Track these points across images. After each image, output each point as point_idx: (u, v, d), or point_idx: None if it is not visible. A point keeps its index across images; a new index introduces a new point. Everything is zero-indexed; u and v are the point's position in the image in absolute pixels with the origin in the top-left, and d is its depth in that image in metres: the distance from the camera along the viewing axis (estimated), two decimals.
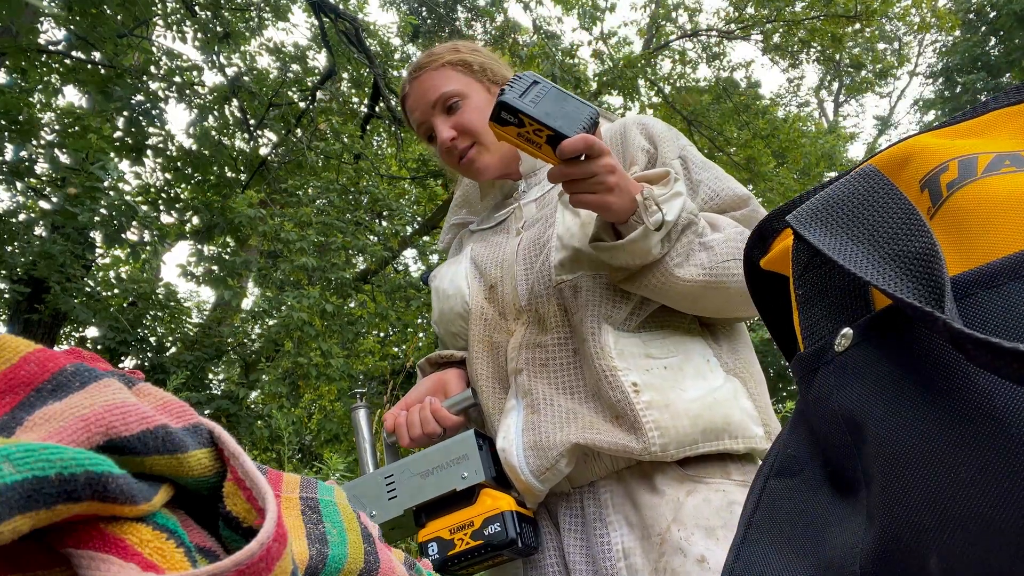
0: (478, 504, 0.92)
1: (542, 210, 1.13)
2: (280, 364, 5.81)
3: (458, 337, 1.12)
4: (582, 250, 1.00)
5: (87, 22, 4.66)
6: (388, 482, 0.97)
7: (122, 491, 0.26)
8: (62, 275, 5.17)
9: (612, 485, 0.94)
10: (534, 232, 1.10)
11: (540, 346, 1.00)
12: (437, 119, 1.14)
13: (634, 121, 1.13)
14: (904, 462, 0.25)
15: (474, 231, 1.27)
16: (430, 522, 0.95)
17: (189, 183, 6.27)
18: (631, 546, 0.89)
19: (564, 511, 0.97)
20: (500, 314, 1.07)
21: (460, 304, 1.10)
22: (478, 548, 0.89)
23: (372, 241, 6.82)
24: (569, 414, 0.94)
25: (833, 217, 0.31)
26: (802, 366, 0.34)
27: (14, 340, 0.29)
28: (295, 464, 6.04)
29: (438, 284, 1.18)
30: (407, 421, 1.04)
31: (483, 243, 1.19)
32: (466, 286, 1.11)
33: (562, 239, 1.03)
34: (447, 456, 0.95)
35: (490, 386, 1.03)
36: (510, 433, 0.96)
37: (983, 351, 0.22)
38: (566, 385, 0.97)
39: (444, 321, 1.14)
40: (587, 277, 1.00)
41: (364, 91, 7.20)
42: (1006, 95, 0.34)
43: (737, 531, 0.34)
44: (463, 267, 1.15)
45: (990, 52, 12.38)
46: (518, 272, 1.07)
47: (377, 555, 0.46)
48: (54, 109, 5.80)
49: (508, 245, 1.13)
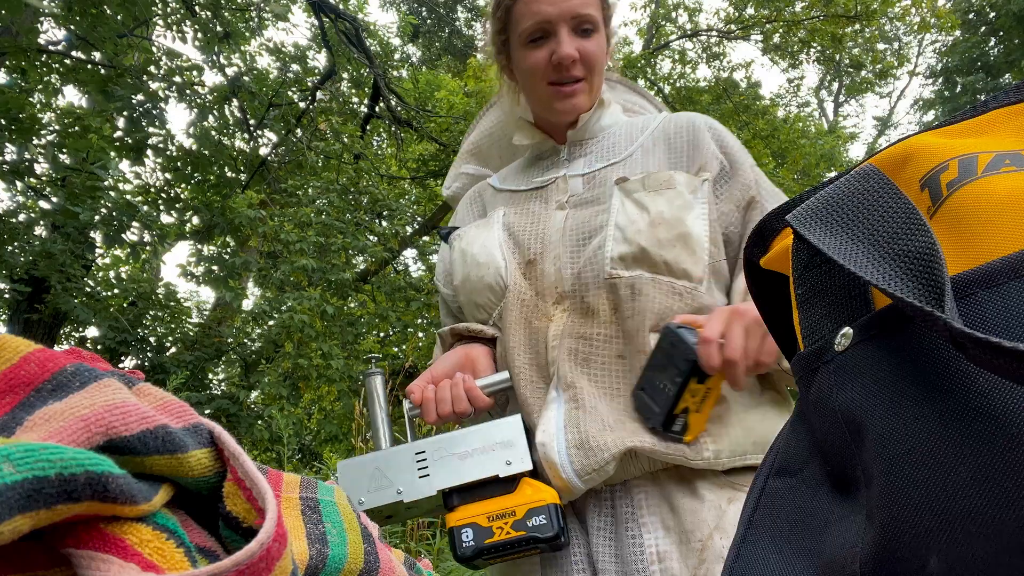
0: (519, 493, 0.87)
1: (593, 190, 1.04)
2: (280, 365, 5.81)
3: (482, 309, 1.05)
4: (648, 250, 0.93)
5: (87, 22, 4.66)
6: (420, 459, 0.90)
7: (122, 491, 0.26)
8: (62, 275, 5.17)
9: (647, 486, 0.90)
10: (585, 214, 1.02)
11: (584, 338, 0.94)
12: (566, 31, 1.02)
13: (705, 124, 1.07)
14: (904, 461, 0.25)
15: (499, 190, 1.17)
16: (463, 506, 0.88)
17: (189, 183, 6.27)
18: (667, 550, 0.85)
19: (593, 509, 0.92)
20: (537, 294, 1.00)
21: (494, 277, 1.02)
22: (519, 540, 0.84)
23: (372, 241, 6.82)
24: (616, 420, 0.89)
25: (833, 216, 0.31)
26: (802, 365, 0.34)
27: (14, 340, 0.29)
28: (295, 464, 6.04)
29: (465, 247, 1.09)
30: (436, 396, 0.96)
31: (517, 209, 1.10)
32: (501, 257, 1.03)
33: (624, 231, 0.96)
34: (490, 439, 0.89)
35: (528, 374, 0.97)
36: (550, 427, 0.90)
37: (983, 350, 0.22)
38: (607, 387, 0.93)
39: (470, 289, 1.06)
40: (647, 280, 0.93)
41: (364, 91, 7.20)
42: (1006, 94, 0.34)
43: (737, 530, 0.34)
44: (496, 234, 1.07)
45: (989, 52, 12.38)
46: (563, 254, 1.00)
47: (377, 555, 0.46)
48: (54, 109, 5.80)
49: (550, 219, 1.05)
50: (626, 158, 1.06)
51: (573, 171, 1.09)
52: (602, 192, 1.02)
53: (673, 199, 0.96)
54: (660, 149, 1.05)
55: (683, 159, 1.04)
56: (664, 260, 0.93)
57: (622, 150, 1.08)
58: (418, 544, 3.51)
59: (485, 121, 1.32)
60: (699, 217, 0.97)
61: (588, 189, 1.05)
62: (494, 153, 1.30)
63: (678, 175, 0.99)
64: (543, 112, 1.11)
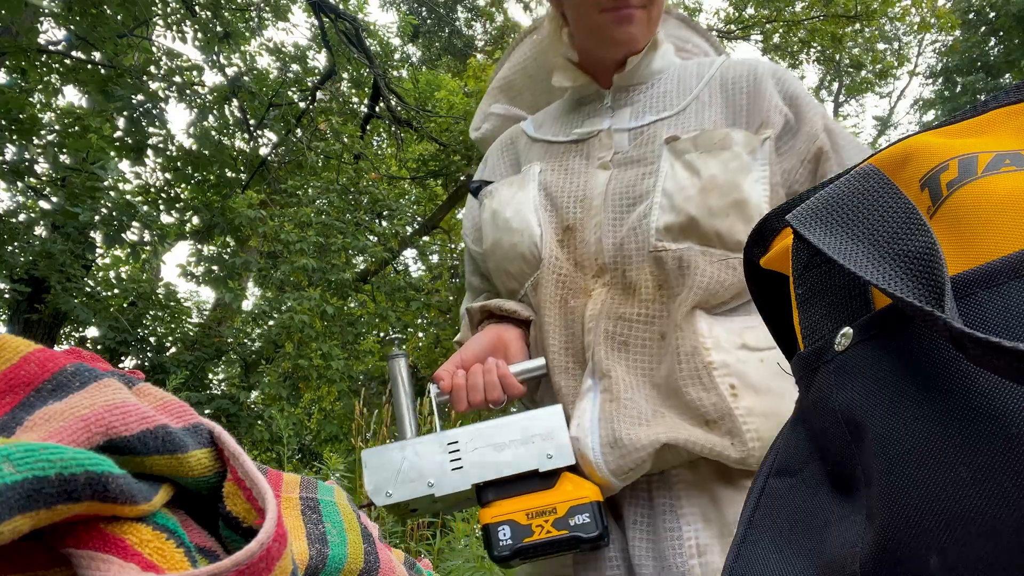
0: (559, 489, 0.80)
1: (640, 148, 0.93)
2: (280, 365, 5.82)
3: (513, 278, 0.96)
4: (698, 219, 0.84)
5: (87, 22, 4.66)
6: (452, 449, 0.83)
7: (122, 491, 0.26)
8: (62, 275, 5.17)
9: (686, 474, 0.82)
10: (630, 176, 0.91)
11: (623, 319, 0.86)
12: None
13: (769, 72, 0.94)
14: (904, 461, 0.25)
15: (535, 139, 1.05)
16: (499, 501, 0.81)
17: (189, 183, 6.27)
18: (707, 543, 0.79)
19: (630, 502, 0.85)
20: (576, 265, 0.91)
21: (528, 246, 0.93)
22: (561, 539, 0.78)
23: (372, 241, 6.82)
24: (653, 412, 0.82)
25: (833, 216, 0.31)
26: (802, 365, 0.34)
27: (14, 340, 0.29)
28: (295, 464, 6.04)
29: (497, 208, 0.98)
30: (468, 384, 0.89)
31: (555, 166, 0.98)
32: (536, 223, 0.93)
33: (671, 198, 0.85)
34: (529, 431, 0.82)
35: (563, 360, 0.89)
36: (584, 421, 0.83)
37: (984, 350, 0.22)
38: (647, 371, 0.84)
39: (501, 256, 0.97)
40: (697, 253, 0.84)
41: (364, 91, 7.20)
42: (1006, 94, 0.34)
43: (737, 530, 0.34)
44: (531, 195, 0.96)
45: (989, 52, 12.38)
46: (604, 220, 0.90)
47: (377, 555, 0.46)
48: (54, 109, 5.80)
49: (592, 180, 0.94)
50: (679, 112, 0.94)
51: (619, 124, 0.97)
52: (650, 151, 0.91)
53: (728, 161, 0.85)
54: (717, 102, 0.94)
55: (743, 114, 0.93)
56: (716, 231, 0.84)
57: (675, 102, 0.96)
58: (418, 544, 3.51)
59: (518, 53, 1.17)
60: (758, 181, 0.86)
61: (635, 147, 0.94)
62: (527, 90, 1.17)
63: (735, 133, 0.88)
64: (594, 46, 0.98)
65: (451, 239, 8.95)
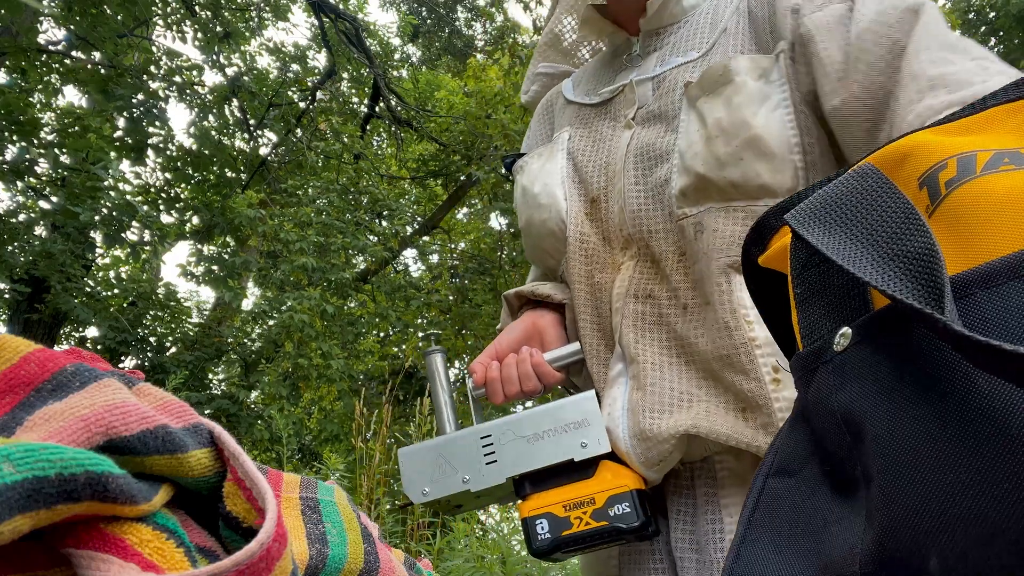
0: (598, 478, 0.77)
1: (661, 99, 0.83)
2: (280, 365, 5.82)
3: (549, 255, 0.91)
4: (707, 175, 0.74)
5: (87, 22, 4.67)
6: (486, 443, 0.81)
7: (122, 491, 0.26)
8: (62, 275, 5.17)
9: (729, 461, 0.75)
10: (650, 134, 0.83)
11: (651, 297, 0.79)
12: None
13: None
14: (903, 462, 0.25)
15: (569, 102, 0.98)
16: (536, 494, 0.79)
17: (189, 183, 6.28)
18: None
19: (673, 492, 0.79)
20: (604, 239, 0.84)
21: (556, 221, 0.87)
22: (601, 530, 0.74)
23: (372, 241, 6.82)
24: (681, 397, 0.75)
25: (831, 216, 0.31)
26: (801, 365, 0.34)
27: (14, 340, 0.29)
28: (295, 464, 6.04)
29: (526, 184, 0.93)
30: (503, 376, 0.85)
31: (584, 131, 0.91)
32: (563, 197, 0.87)
33: (684, 157, 0.77)
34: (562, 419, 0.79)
35: (594, 343, 0.84)
36: (615, 410, 0.78)
37: (984, 353, 0.22)
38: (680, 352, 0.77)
39: (534, 235, 0.91)
40: (715, 212, 0.75)
41: (364, 91, 7.20)
42: (1004, 92, 0.34)
43: (736, 530, 0.34)
44: (559, 165, 0.90)
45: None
46: (627, 186, 0.82)
47: (377, 555, 0.46)
48: (54, 109, 5.81)
49: (616, 142, 0.86)
50: (706, 52, 0.84)
51: (643, 73, 0.87)
52: (670, 103, 0.82)
53: (732, 96, 0.75)
54: (745, 29, 0.82)
55: (766, 37, 0.80)
56: (730, 182, 0.74)
57: (704, 40, 0.85)
58: (418, 544, 3.51)
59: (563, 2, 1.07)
60: (777, 107, 0.75)
61: (656, 98, 0.84)
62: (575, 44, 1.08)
63: (737, 61, 0.77)
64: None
65: (451, 239, 8.96)
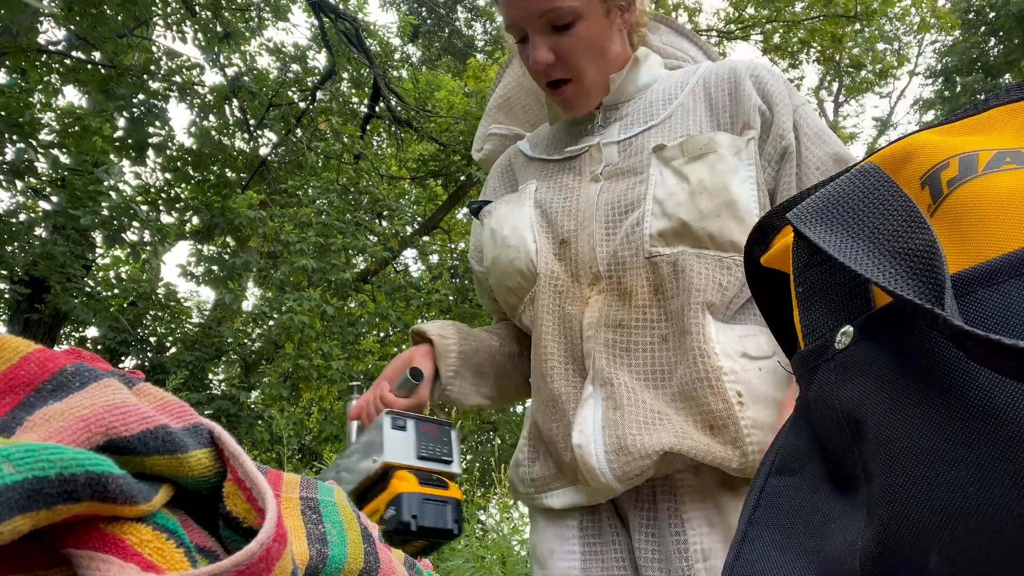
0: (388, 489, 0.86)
1: (629, 159, 0.95)
2: (280, 366, 5.82)
3: (512, 293, 0.99)
4: (690, 224, 0.86)
5: (87, 22, 4.67)
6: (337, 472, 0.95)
7: (122, 491, 0.26)
8: (62, 275, 5.17)
9: (689, 479, 0.84)
10: (621, 187, 0.93)
11: (622, 326, 0.88)
12: (537, 33, 0.92)
13: (747, 72, 0.95)
14: (904, 459, 0.25)
15: (531, 158, 1.08)
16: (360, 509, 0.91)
17: (189, 183, 6.27)
18: (711, 547, 0.80)
19: (635, 505, 0.87)
20: (572, 277, 0.94)
21: (524, 262, 0.96)
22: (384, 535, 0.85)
23: (372, 241, 6.82)
24: (657, 416, 0.83)
25: (834, 214, 0.31)
26: (803, 363, 0.34)
27: (14, 340, 0.29)
28: (295, 464, 6.04)
29: (495, 227, 1.02)
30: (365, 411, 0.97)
31: (550, 183, 1.01)
32: (532, 240, 0.96)
33: (663, 205, 0.88)
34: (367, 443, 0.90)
35: (562, 367, 0.91)
36: (587, 428, 0.85)
37: (984, 348, 0.22)
38: (650, 377, 0.86)
39: (500, 272, 1.00)
40: (691, 255, 0.86)
41: (364, 91, 7.20)
42: (1007, 92, 0.34)
43: (737, 529, 0.34)
44: (527, 211, 0.99)
45: (989, 52, 12.38)
46: (596, 231, 0.92)
47: (377, 555, 0.46)
48: (54, 109, 5.81)
49: (584, 193, 0.96)
50: (664, 120, 0.96)
51: (608, 138, 0.99)
52: (639, 161, 0.94)
53: (715, 164, 0.87)
54: (701, 107, 0.96)
55: (726, 117, 0.94)
56: (708, 233, 0.86)
57: (660, 111, 0.98)
58: None
59: (512, 70, 1.19)
60: (745, 181, 0.88)
61: (624, 158, 0.96)
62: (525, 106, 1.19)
63: (720, 136, 0.90)
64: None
65: (451, 239, 8.96)
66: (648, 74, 1.02)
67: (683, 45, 1.14)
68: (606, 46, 0.96)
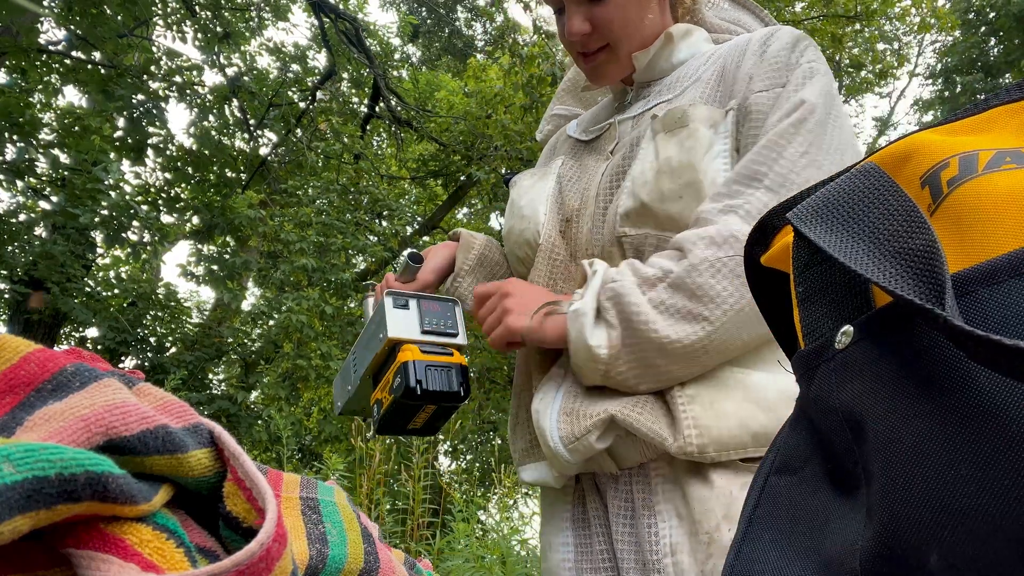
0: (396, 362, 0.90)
1: (633, 131, 0.93)
2: (280, 366, 5.81)
3: (522, 263, 1.00)
4: (649, 205, 0.83)
5: (87, 22, 4.66)
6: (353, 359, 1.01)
7: (122, 491, 0.26)
8: (62, 275, 5.17)
9: (663, 468, 0.82)
10: (617, 162, 0.92)
11: None
12: (572, 3, 0.92)
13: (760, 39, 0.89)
14: (904, 459, 0.25)
15: (570, 137, 1.09)
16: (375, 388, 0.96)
17: (189, 183, 6.27)
18: (678, 541, 0.78)
19: (614, 495, 0.86)
20: (571, 255, 0.93)
21: (532, 233, 0.96)
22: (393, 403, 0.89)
23: (372, 241, 6.82)
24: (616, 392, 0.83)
25: (834, 214, 0.31)
26: (803, 363, 0.34)
27: (14, 340, 0.29)
28: (295, 464, 6.04)
29: (515, 197, 1.03)
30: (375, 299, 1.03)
31: (574, 162, 1.01)
32: (543, 212, 0.96)
33: (634, 183, 0.85)
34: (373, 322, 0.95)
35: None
36: (549, 393, 0.87)
37: (984, 348, 0.22)
38: None
39: (512, 242, 1.01)
40: (653, 239, 0.84)
41: (364, 91, 7.20)
42: (1007, 92, 0.34)
43: (737, 528, 0.34)
44: (548, 185, 0.99)
45: (989, 53, 12.38)
46: (596, 211, 0.91)
47: (377, 555, 0.46)
48: (54, 109, 5.80)
49: (596, 171, 0.95)
50: (678, 94, 0.92)
51: (626, 115, 0.98)
52: (639, 134, 0.91)
53: (684, 140, 0.84)
54: (712, 80, 0.91)
55: (729, 88, 0.89)
56: (668, 215, 0.83)
57: (683, 85, 0.94)
58: (418, 544, 3.51)
59: None
60: (718, 156, 0.83)
61: (631, 132, 0.95)
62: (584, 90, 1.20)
63: (697, 109, 0.86)
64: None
65: None
66: (687, 50, 0.97)
67: (742, 18, 1.09)
68: (643, 16, 0.94)
